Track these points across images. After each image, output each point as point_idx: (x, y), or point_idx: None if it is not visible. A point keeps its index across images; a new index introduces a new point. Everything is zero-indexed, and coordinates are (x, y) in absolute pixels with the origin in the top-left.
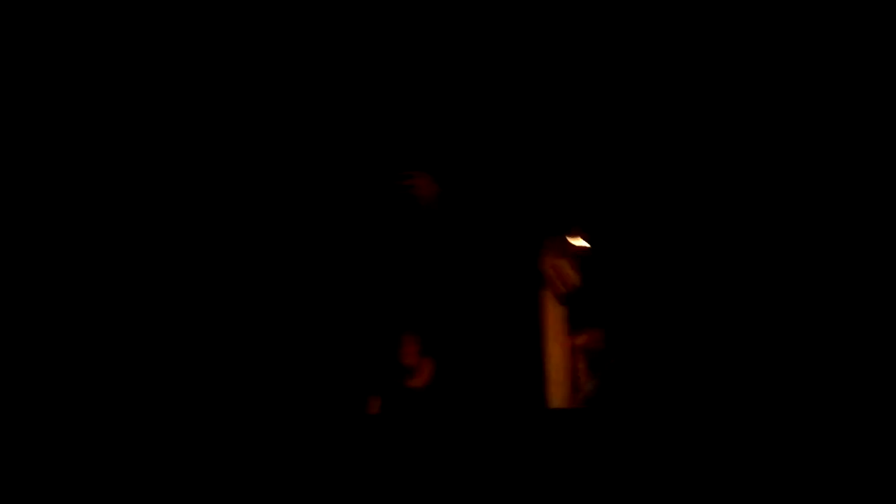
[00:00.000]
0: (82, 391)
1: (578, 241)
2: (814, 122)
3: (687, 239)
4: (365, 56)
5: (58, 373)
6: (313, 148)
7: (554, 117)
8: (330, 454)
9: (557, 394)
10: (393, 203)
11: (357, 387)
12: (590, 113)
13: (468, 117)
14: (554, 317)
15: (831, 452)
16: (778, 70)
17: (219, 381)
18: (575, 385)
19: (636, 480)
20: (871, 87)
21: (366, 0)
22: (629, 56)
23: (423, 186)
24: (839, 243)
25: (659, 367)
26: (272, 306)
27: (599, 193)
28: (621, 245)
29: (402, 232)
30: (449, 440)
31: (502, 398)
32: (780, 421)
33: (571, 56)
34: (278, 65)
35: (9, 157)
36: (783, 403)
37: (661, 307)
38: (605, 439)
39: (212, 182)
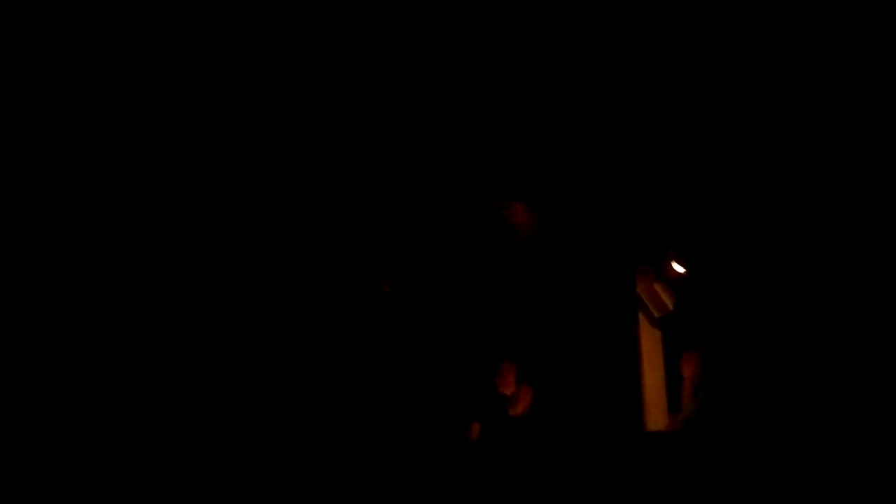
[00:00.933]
0: (87, 391)
1: (675, 267)
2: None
3: (779, 263)
4: (460, 85)
5: (58, 373)
6: (413, 175)
7: (650, 145)
8: (434, 481)
9: (655, 417)
10: (491, 232)
11: (459, 415)
12: (686, 141)
13: (563, 145)
14: (649, 340)
15: None
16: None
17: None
18: (675, 409)
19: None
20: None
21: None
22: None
23: (519, 215)
24: None
25: (757, 390)
26: (375, 336)
27: (695, 220)
28: (716, 270)
29: (499, 260)
30: (549, 466)
31: (600, 423)
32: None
33: (661, 87)
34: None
35: (9, 157)
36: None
37: (757, 331)
38: (704, 462)
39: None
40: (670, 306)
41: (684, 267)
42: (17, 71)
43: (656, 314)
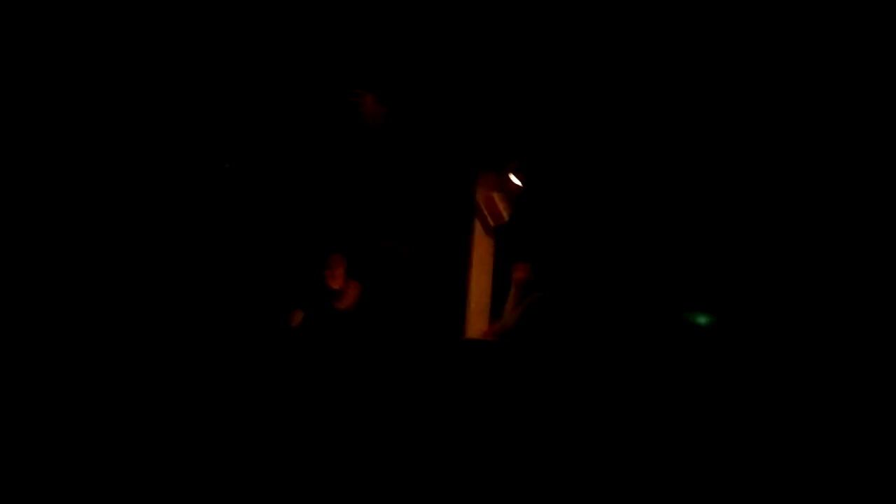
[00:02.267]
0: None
1: (513, 178)
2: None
3: (617, 184)
4: None
5: (57, 373)
6: (259, 62)
7: (503, 56)
8: (251, 367)
9: (475, 323)
10: (338, 119)
11: (284, 303)
12: (537, 56)
13: (422, 39)
14: (482, 248)
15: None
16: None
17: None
18: (498, 316)
19: (542, 414)
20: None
21: None
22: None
23: (369, 105)
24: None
25: (578, 307)
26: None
27: (537, 134)
28: (553, 184)
29: (343, 149)
30: (366, 363)
31: (423, 324)
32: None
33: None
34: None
35: (9, 157)
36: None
37: (587, 248)
38: (517, 372)
39: None
40: (506, 216)
41: (522, 180)
42: (17, 71)
43: (492, 223)
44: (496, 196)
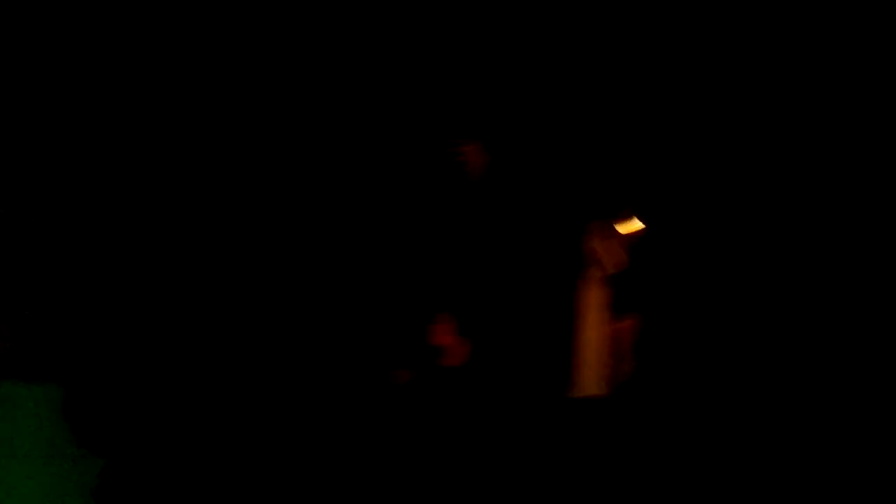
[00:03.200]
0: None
1: (631, 225)
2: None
3: (740, 233)
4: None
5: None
6: (359, 108)
7: (613, 98)
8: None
9: (591, 378)
10: (441, 172)
11: (390, 363)
12: (647, 96)
13: (526, 86)
14: (596, 299)
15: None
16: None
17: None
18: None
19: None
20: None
21: None
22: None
23: (473, 155)
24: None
25: (695, 360)
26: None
27: (655, 180)
28: (673, 231)
29: (447, 203)
30: (477, 421)
31: (536, 381)
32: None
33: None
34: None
35: (9, 157)
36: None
37: (707, 299)
38: (632, 428)
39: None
40: (622, 265)
41: (638, 226)
42: (17, 71)
43: (606, 272)
44: (610, 243)
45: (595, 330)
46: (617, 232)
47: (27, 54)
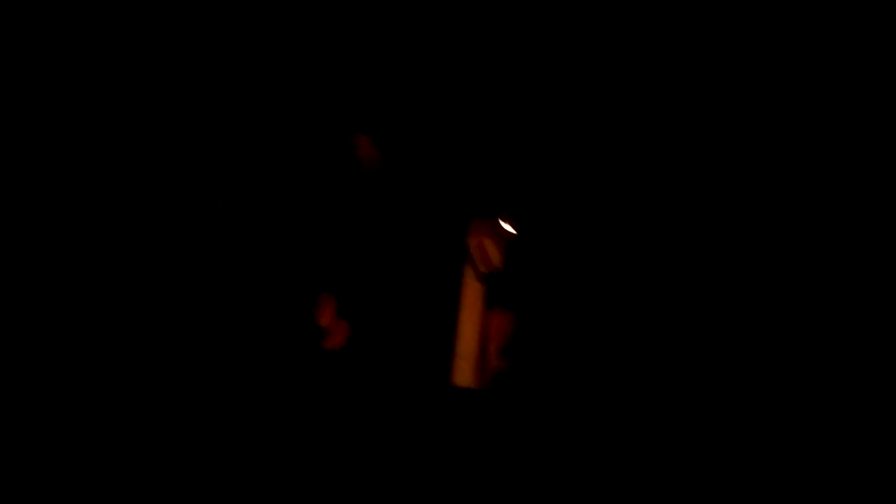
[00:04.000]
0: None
1: (507, 225)
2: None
3: (615, 233)
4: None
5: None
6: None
7: (501, 101)
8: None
9: (463, 370)
10: (332, 162)
11: (273, 346)
12: (535, 100)
13: (417, 82)
14: (472, 294)
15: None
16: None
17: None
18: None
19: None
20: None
21: None
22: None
23: (365, 148)
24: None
25: (567, 359)
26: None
27: (533, 180)
28: (548, 233)
29: (335, 192)
30: (354, 403)
31: (410, 368)
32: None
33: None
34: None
35: (9, 157)
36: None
37: (579, 298)
38: (504, 422)
39: None
40: (497, 264)
41: (514, 227)
42: (18, 71)
43: (483, 269)
44: (488, 242)
45: (471, 323)
46: (495, 231)
47: (27, 54)
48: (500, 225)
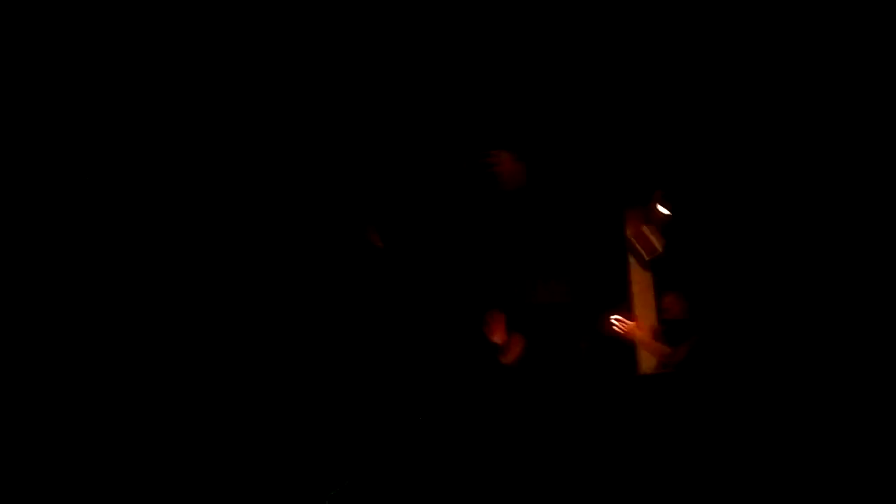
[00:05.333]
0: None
1: (660, 209)
2: None
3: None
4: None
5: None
6: (389, 129)
7: (635, 87)
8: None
9: (647, 359)
10: (477, 183)
11: (452, 363)
12: (670, 82)
13: (545, 92)
14: (640, 283)
15: None
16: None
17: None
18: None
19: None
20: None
21: None
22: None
23: (506, 164)
24: None
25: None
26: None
27: (681, 162)
28: (703, 212)
29: (487, 211)
30: (543, 413)
31: (594, 369)
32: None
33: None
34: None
35: (9, 157)
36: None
37: (745, 275)
38: (695, 404)
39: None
40: (659, 248)
41: (669, 209)
42: (17, 71)
43: (646, 257)
44: (646, 229)
45: (646, 313)
46: (651, 217)
47: (27, 54)
48: (655, 209)
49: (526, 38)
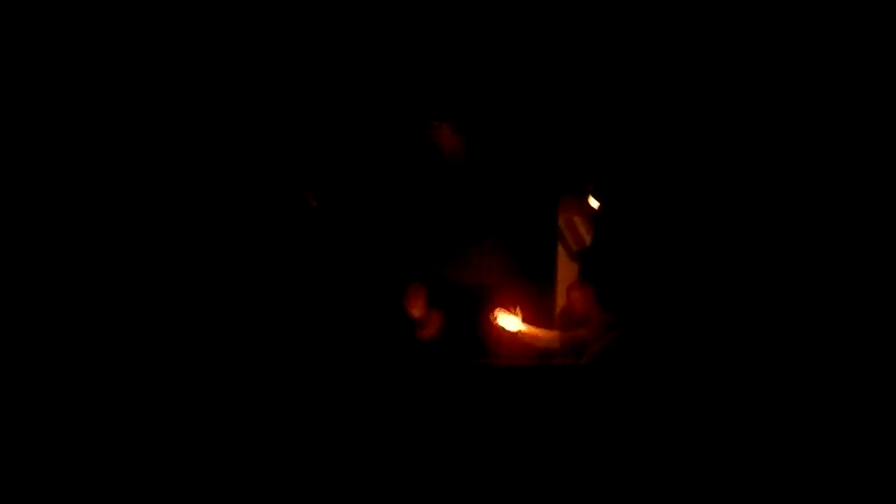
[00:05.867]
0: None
1: (591, 202)
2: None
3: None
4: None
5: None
6: (341, 90)
7: (577, 79)
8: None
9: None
10: (416, 151)
11: (368, 335)
12: (611, 76)
13: (496, 70)
14: (566, 272)
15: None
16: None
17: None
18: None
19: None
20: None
21: None
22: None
23: (447, 136)
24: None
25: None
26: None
27: (615, 156)
28: (633, 207)
29: (422, 181)
30: (453, 390)
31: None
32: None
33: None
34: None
35: (9, 157)
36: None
37: (667, 272)
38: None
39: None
40: (587, 240)
41: (600, 202)
42: (18, 71)
43: (574, 247)
44: (577, 220)
45: (562, 297)
46: (583, 207)
47: (27, 54)
48: (587, 202)
49: (486, 17)
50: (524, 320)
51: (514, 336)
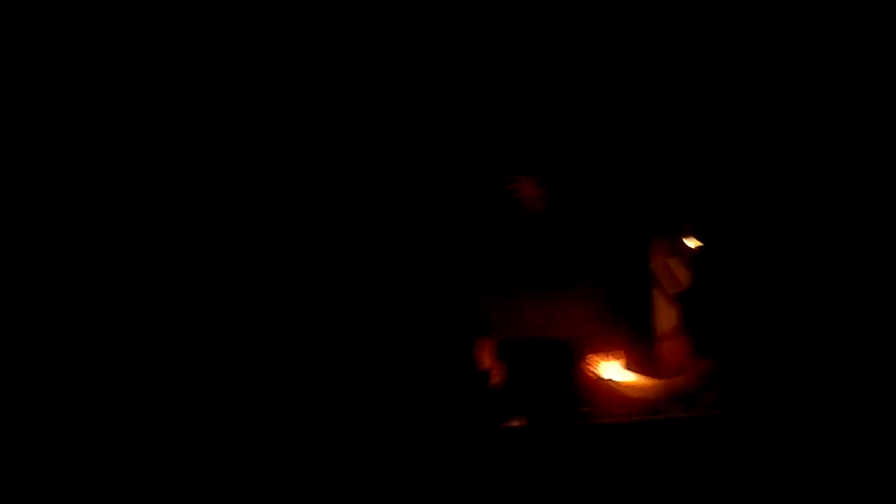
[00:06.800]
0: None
1: (690, 241)
2: None
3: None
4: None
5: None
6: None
7: (663, 116)
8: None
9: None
10: (497, 208)
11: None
12: (702, 113)
13: (573, 118)
14: (665, 318)
15: None
16: None
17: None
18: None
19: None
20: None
21: None
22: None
23: (527, 190)
24: None
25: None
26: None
27: (711, 193)
28: (733, 245)
29: (508, 237)
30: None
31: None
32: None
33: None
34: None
35: (9, 157)
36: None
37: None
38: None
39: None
40: (685, 283)
41: (698, 241)
42: (18, 71)
43: (671, 291)
44: (672, 262)
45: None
46: (678, 250)
47: (27, 54)
48: (682, 242)
49: (557, 64)
50: (627, 367)
51: (616, 387)
